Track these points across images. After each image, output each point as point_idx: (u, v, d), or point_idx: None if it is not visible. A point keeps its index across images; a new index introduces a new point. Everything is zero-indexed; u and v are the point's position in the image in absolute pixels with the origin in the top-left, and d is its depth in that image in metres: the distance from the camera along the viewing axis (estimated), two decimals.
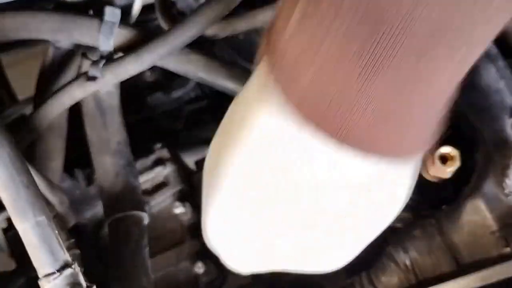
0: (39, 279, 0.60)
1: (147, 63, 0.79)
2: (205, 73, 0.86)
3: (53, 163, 0.94)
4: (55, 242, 0.60)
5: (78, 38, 0.83)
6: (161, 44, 0.78)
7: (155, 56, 0.78)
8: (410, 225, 0.93)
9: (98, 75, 0.80)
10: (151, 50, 0.78)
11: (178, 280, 1.15)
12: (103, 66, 0.79)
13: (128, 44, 0.83)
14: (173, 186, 1.20)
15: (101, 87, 0.82)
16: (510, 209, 0.86)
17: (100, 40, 0.81)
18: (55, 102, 0.83)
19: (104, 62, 0.80)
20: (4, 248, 0.96)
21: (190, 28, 0.77)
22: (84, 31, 0.82)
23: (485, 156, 0.90)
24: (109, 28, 0.81)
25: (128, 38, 0.83)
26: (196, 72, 0.86)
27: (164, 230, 1.19)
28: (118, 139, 0.93)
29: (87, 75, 0.80)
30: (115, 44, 0.82)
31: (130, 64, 0.79)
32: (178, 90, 1.45)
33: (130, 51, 0.79)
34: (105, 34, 0.81)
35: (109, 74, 0.80)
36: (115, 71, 0.80)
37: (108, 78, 0.80)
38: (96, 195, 1.18)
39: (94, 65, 0.80)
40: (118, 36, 0.82)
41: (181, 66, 0.86)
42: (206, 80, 0.87)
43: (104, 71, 0.80)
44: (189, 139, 1.68)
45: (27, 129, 0.84)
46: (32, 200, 0.60)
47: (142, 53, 0.78)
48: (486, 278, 0.84)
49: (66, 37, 0.84)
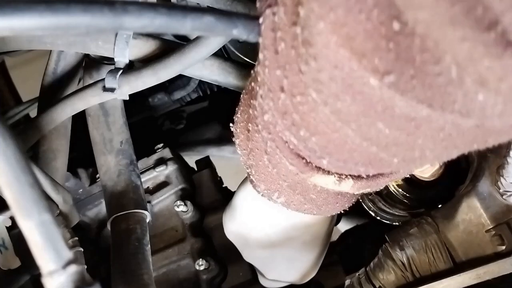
0: (43, 277, 0.61)
1: (164, 77, 0.80)
2: (219, 75, 0.87)
3: (57, 162, 0.95)
4: (59, 240, 0.61)
5: (95, 50, 0.84)
6: (178, 62, 0.78)
7: (171, 72, 0.79)
8: (407, 223, 0.94)
9: (115, 86, 0.80)
10: (167, 66, 0.79)
11: (179, 277, 1.16)
12: (119, 76, 0.80)
13: (143, 54, 0.84)
14: (174, 185, 1.21)
15: (117, 97, 0.83)
16: (505, 207, 0.87)
17: (115, 52, 0.82)
18: (68, 106, 0.84)
19: (120, 72, 0.81)
20: (8, 246, 0.97)
21: (208, 43, 0.77)
22: (100, 44, 0.82)
23: (480, 155, 0.91)
24: (124, 40, 0.81)
25: (143, 48, 0.84)
26: (210, 76, 0.87)
27: (166, 228, 1.20)
28: (121, 138, 0.94)
29: (103, 85, 0.81)
30: (130, 55, 0.83)
31: (147, 77, 0.80)
32: (179, 91, 1.46)
33: (147, 65, 0.80)
34: (120, 46, 0.82)
35: (126, 86, 0.81)
36: (132, 83, 0.81)
37: (124, 90, 0.81)
38: (99, 194, 1.19)
39: (111, 75, 0.81)
40: (133, 47, 0.83)
41: (196, 71, 0.87)
42: (220, 82, 0.89)
43: (120, 82, 0.80)
44: (189, 139, 1.70)
45: (33, 130, 0.85)
46: (36, 198, 0.62)
47: (159, 69, 0.79)
48: (481, 275, 0.85)
49: (82, 50, 0.85)
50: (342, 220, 1.44)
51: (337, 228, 1.54)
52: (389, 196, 1.04)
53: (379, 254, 0.95)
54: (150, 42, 0.84)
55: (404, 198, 1.01)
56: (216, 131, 1.67)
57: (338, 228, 1.54)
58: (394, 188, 1.01)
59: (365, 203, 1.17)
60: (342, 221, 1.45)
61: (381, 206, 1.10)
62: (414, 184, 0.99)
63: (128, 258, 0.85)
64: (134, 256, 0.85)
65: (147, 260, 0.87)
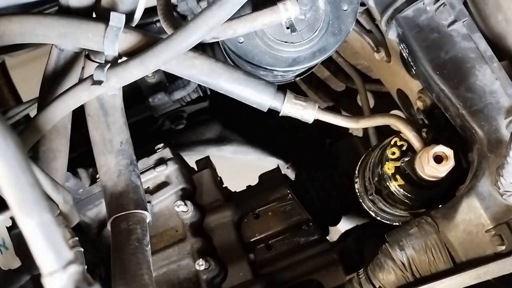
0: (43, 277, 0.61)
1: (151, 67, 0.81)
2: (208, 77, 0.88)
3: (57, 162, 0.95)
4: (59, 240, 0.61)
5: (84, 43, 0.84)
6: (165, 49, 0.79)
7: (159, 61, 0.80)
8: (407, 223, 0.94)
9: (103, 79, 0.81)
10: (155, 55, 0.79)
11: (179, 277, 1.17)
12: (107, 70, 0.81)
13: (132, 48, 0.84)
14: (174, 185, 1.21)
15: (106, 90, 0.83)
16: (505, 207, 0.87)
17: (105, 45, 0.82)
18: (61, 104, 0.84)
19: (108, 66, 0.81)
20: (9, 246, 0.97)
21: (193, 32, 0.78)
22: (90, 37, 0.83)
23: (480, 155, 0.91)
24: (114, 33, 0.82)
25: (133, 42, 0.84)
26: (199, 76, 0.87)
27: (166, 228, 1.20)
28: (121, 139, 0.94)
29: (92, 78, 0.82)
30: (119, 48, 0.84)
31: (134, 68, 0.80)
32: (179, 91, 1.46)
33: (134, 56, 0.80)
34: (110, 39, 0.82)
35: (113, 78, 0.81)
36: (120, 75, 0.81)
37: (112, 82, 0.81)
38: (99, 194, 1.19)
39: (99, 69, 0.81)
40: (122, 41, 0.83)
41: (185, 70, 0.87)
42: (209, 84, 0.89)
43: (108, 75, 0.81)
44: (189, 139, 1.70)
45: (32, 130, 0.85)
46: (36, 199, 0.61)
47: (146, 58, 0.79)
48: (481, 275, 0.85)
49: (72, 42, 0.85)
50: (342, 220, 1.45)
51: (337, 228, 1.54)
52: (390, 196, 1.04)
53: (379, 254, 0.95)
54: (140, 36, 0.84)
55: (405, 198, 1.01)
56: (216, 131, 1.67)
57: (338, 228, 1.54)
58: (395, 188, 1.01)
59: (365, 203, 1.17)
60: (342, 221, 1.45)
61: (381, 206, 1.10)
62: (415, 184, 0.99)
63: (128, 258, 0.85)
64: (134, 256, 0.85)
65: (147, 260, 0.87)
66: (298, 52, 0.93)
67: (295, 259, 1.18)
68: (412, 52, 0.99)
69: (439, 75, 0.96)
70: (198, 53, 0.87)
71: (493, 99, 0.92)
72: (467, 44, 0.96)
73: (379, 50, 1.19)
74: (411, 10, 0.99)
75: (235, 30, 0.86)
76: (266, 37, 0.92)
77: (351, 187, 1.23)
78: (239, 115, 1.59)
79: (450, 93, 0.94)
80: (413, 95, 1.15)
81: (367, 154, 1.17)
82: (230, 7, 0.78)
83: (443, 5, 0.98)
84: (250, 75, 0.89)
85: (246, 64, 0.97)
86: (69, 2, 0.86)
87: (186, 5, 1.25)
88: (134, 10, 0.87)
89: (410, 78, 1.12)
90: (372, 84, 1.79)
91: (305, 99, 0.92)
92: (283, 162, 1.72)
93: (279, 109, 0.90)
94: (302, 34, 0.91)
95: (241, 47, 0.95)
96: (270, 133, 1.72)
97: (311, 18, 0.92)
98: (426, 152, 0.91)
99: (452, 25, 0.97)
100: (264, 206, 1.24)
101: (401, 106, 1.33)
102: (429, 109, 1.06)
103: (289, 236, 1.21)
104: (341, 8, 0.94)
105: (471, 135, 0.94)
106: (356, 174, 1.18)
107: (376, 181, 1.07)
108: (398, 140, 1.01)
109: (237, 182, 1.37)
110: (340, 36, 0.94)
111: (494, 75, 0.94)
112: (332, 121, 0.93)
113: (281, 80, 1.06)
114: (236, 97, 0.90)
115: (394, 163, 1.01)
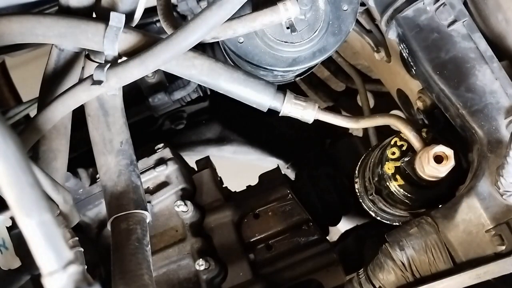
0: (43, 277, 0.61)
1: (151, 67, 0.81)
2: (208, 77, 0.88)
3: (57, 162, 0.95)
4: (59, 240, 0.61)
5: (84, 43, 0.84)
6: (165, 49, 0.79)
7: (159, 61, 0.80)
8: (407, 223, 0.94)
9: (103, 79, 0.81)
10: (155, 54, 0.79)
11: (179, 277, 1.17)
12: (107, 70, 0.81)
13: (132, 48, 0.84)
14: (174, 185, 1.21)
15: (106, 90, 0.83)
16: (505, 207, 0.87)
17: (104, 45, 0.82)
18: (60, 104, 0.85)
19: (108, 66, 0.81)
20: (9, 246, 0.97)
21: (193, 32, 0.78)
22: (90, 36, 0.83)
23: (480, 155, 0.91)
24: (113, 33, 0.82)
25: (132, 42, 0.84)
26: (199, 76, 0.87)
27: (166, 228, 1.20)
28: (121, 139, 0.94)
29: (92, 78, 0.82)
30: (119, 48, 0.84)
31: (134, 68, 0.80)
32: (179, 91, 1.46)
33: (134, 56, 0.80)
34: (110, 39, 0.82)
35: (113, 78, 0.81)
36: (120, 75, 0.81)
37: (112, 82, 0.81)
38: (99, 194, 1.19)
39: (99, 68, 0.81)
40: (122, 41, 0.83)
41: (185, 70, 0.87)
42: (209, 84, 0.89)
43: (108, 75, 0.81)
44: (189, 139, 1.70)
45: (32, 130, 0.85)
46: (36, 199, 0.61)
47: (146, 58, 0.79)
48: (481, 275, 0.85)
49: (72, 42, 0.85)
50: (342, 220, 1.45)
51: (337, 228, 1.54)
52: (390, 196, 1.04)
53: (379, 254, 0.95)
54: (139, 36, 0.84)
55: (405, 198, 1.01)
56: (216, 131, 1.67)
57: (338, 228, 1.54)
58: (395, 188, 1.01)
59: (365, 203, 1.17)
60: (342, 221, 1.45)
61: (381, 206, 1.10)
62: (415, 184, 0.99)
63: (128, 258, 0.85)
64: (134, 256, 0.85)
65: (147, 260, 0.87)
66: (298, 52, 0.93)
67: (295, 259, 1.18)
68: (412, 52, 0.99)
69: (439, 75, 0.96)
70: (198, 53, 0.87)
71: (493, 99, 0.93)
72: (467, 44, 0.96)
73: (379, 50, 1.19)
74: (411, 10, 0.99)
75: (235, 30, 0.86)
76: (266, 37, 0.92)
77: (351, 187, 1.23)
78: (239, 115, 1.59)
79: (450, 93, 0.94)
80: (413, 95, 1.15)
81: (367, 154, 1.17)
82: (230, 7, 0.78)
83: (443, 5, 0.98)
84: (250, 75, 0.89)
85: (246, 64, 0.97)
86: (69, 2, 0.86)
87: (186, 5, 1.25)
88: (134, 10, 0.87)
89: (410, 78, 1.12)
90: (372, 84, 1.79)
91: (305, 99, 0.92)
92: (283, 162, 1.72)
93: (279, 109, 0.90)
94: (302, 34, 0.91)
95: (241, 47, 0.95)
96: (270, 133, 1.72)
97: (311, 18, 0.92)
98: (426, 152, 0.91)
99: (452, 25, 0.97)
100: (264, 206, 1.24)
101: (401, 106, 1.33)
102: (429, 109, 1.06)
103: (289, 236, 1.21)
104: (341, 8, 0.94)
105: (471, 135, 0.94)
106: (356, 174, 1.18)
107: (376, 181, 1.07)
108: (398, 140, 1.01)
109: (237, 182, 1.37)
110: (340, 36, 0.94)
111: (494, 75, 0.94)
112: (332, 121, 0.93)
113: (281, 80, 1.06)
114: (236, 97, 0.90)
115: (394, 163, 1.01)
